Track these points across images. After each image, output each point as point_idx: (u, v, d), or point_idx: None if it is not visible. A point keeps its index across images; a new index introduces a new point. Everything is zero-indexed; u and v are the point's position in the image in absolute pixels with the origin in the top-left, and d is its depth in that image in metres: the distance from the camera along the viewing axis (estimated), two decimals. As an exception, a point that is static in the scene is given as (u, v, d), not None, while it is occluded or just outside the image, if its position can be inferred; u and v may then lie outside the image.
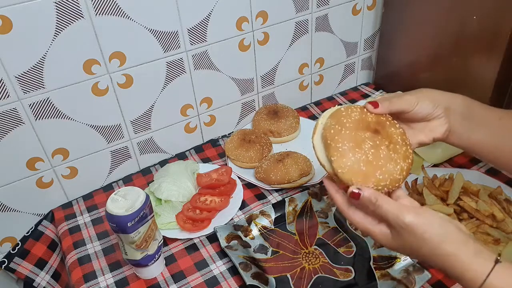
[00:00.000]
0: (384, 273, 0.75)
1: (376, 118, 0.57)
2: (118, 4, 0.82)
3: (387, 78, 1.25)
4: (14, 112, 0.82)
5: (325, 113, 0.59)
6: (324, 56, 1.19)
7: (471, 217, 0.80)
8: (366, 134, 0.54)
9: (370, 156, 0.53)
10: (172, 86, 0.98)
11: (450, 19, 0.98)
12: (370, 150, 0.54)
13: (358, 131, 0.54)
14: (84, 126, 0.91)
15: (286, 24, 1.06)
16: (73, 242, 0.88)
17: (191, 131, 1.08)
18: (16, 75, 0.79)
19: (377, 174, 0.53)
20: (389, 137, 0.55)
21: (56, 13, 0.77)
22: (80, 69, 0.85)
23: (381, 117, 0.57)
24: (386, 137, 0.55)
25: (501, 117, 0.62)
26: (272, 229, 0.87)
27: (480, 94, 0.97)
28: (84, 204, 0.97)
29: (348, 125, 0.55)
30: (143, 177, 1.02)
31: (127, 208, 0.69)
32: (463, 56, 0.99)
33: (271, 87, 1.15)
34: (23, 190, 0.91)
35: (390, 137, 0.55)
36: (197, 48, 0.96)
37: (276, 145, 1.07)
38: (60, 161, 0.93)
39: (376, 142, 0.54)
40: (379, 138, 0.55)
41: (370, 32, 1.23)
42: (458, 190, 0.83)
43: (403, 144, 0.56)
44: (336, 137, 0.54)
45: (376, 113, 0.58)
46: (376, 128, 0.55)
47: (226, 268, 0.80)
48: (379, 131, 0.55)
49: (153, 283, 0.78)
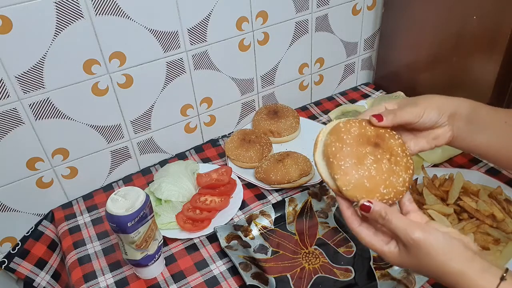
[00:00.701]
0: (384, 273, 0.75)
1: (376, 131, 0.57)
2: (118, 4, 0.82)
3: (387, 78, 1.25)
4: (14, 112, 0.82)
5: (324, 128, 0.59)
6: (324, 56, 1.19)
7: (471, 217, 0.80)
8: (367, 149, 0.55)
9: (373, 171, 0.54)
10: (172, 86, 0.98)
11: (450, 19, 0.98)
12: (372, 165, 0.54)
13: (359, 147, 0.55)
14: (84, 126, 0.91)
15: (286, 24, 1.06)
16: (73, 242, 0.88)
17: (191, 131, 1.08)
18: (16, 75, 0.79)
19: (381, 189, 0.54)
20: (390, 150, 0.56)
21: (56, 13, 0.77)
22: (80, 69, 0.85)
23: (380, 130, 0.57)
24: (387, 150, 0.55)
25: (508, 117, 0.61)
26: (272, 229, 0.87)
27: (480, 94, 0.97)
28: (84, 204, 0.97)
29: (348, 141, 0.55)
30: (143, 177, 1.02)
31: (127, 208, 0.69)
32: (463, 56, 0.99)
33: (271, 87, 1.15)
34: (23, 190, 0.91)
35: (390, 149, 0.56)
36: (197, 48, 0.96)
37: (276, 145, 1.07)
38: (60, 161, 0.93)
39: (377, 156, 0.54)
40: (380, 151, 0.55)
41: (370, 32, 1.23)
42: (458, 190, 0.83)
43: (403, 155, 0.56)
44: (337, 155, 0.54)
45: (380, 126, 0.57)
46: (376, 142, 0.56)
47: (226, 268, 0.80)
48: (380, 144, 0.56)
49: (153, 283, 0.78)
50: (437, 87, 1.09)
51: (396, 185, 0.54)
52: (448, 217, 0.80)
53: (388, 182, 0.54)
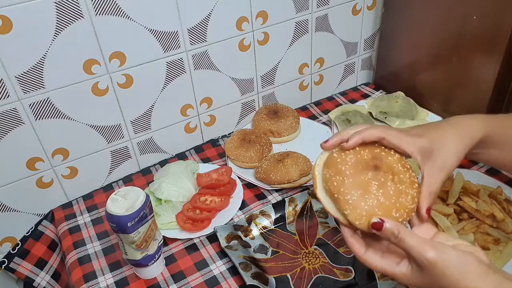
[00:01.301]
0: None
1: (371, 153, 0.55)
2: (118, 4, 0.82)
3: (387, 78, 1.25)
4: (14, 112, 0.82)
5: (318, 161, 0.57)
6: (324, 56, 1.19)
7: (471, 217, 0.81)
8: (368, 175, 0.53)
9: (381, 198, 0.52)
10: (172, 86, 0.98)
11: (450, 19, 0.98)
12: (378, 191, 0.52)
13: (360, 175, 0.53)
14: (84, 126, 0.91)
15: (286, 24, 1.06)
16: (73, 242, 0.88)
17: (191, 131, 1.08)
18: (16, 75, 0.79)
19: (393, 213, 0.52)
20: (391, 169, 0.54)
21: (56, 13, 0.77)
22: (80, 69, 0.85)
23: (375, 150, 0.56)
24: (388, 170, 0.54)
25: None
26: (272, 229, 0.87)
27: (480, 94, 0.97)
28: (84, 204, 0.97)
29: (348, 172, 0.53)
30: (143, 177, 1.02)
31: (127, 208, 0.69)
32: (463, 56, 0.99)
33: (271, 87, 1.15)
34: (23, 190, 0.91)
35: (391, 168, 0.54)
36: (197, 48, 0.96)
37: (276, 145, 1.07)
38: (60, 161, 0.93)
39: (381, 180, 0.53)
40: (382, 174, 0.53)
41: (370, 32, 1.23)
42: (458, 190, 0.84)
43: (405, 170, 0.55)
44: (341, 189, 0.52)
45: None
46: (375, 164, 0.54)
47: (226, 268, 0.80)
48: (379, 166, 0.54)
49: (153, 283, 0.78)
50: (437, 87, 1.09)
51: (406, 204, 0.53)
52: (448, 217, 0.80)
53: (398, 204, 0.52)
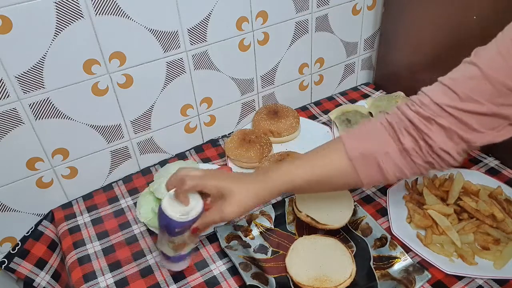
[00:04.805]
0: (384, 273, 0.75)
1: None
2: (118, 4, 0.82)
3: (387, 78, 1.25)
4: (14, 112, 0.82)
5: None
6: (324, 56, 1.19)
7: (471, 217, 0.81)
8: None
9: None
10: (172, 86, 0.98)
11: (450, 19, 0.98)
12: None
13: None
14: (84, 126, 0.91)
15: (286, 24, 1.06)
16: (73, 242, 0.88)
17: (191, 131, 1.08)
18: (16, 75, 0.79)
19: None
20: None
21: (56, 13, 0.77)
22: (80, 69, 0.85)
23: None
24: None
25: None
26: (272, 229, 0.86)
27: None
28: (84, 204, 0.97)
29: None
30: (143, 177, 1.02)
31: (182, 213, 0.65)
32: (463, 56, 0.99)
33: (271, 87, 1.15)
34: (23, 190, 0.91)
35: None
36: (197, 48, 0.96)
37: (276, 145, 1.07)
38: (60, 161, 0.93)
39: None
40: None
41: (370, 32, 1.24)
42: (458, 190, 0.84)
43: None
44: None
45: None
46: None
47: (226, 268, 0.80)
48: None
49: (153, 283, 0.78)
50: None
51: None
52: (448, 217, 0.80)
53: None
